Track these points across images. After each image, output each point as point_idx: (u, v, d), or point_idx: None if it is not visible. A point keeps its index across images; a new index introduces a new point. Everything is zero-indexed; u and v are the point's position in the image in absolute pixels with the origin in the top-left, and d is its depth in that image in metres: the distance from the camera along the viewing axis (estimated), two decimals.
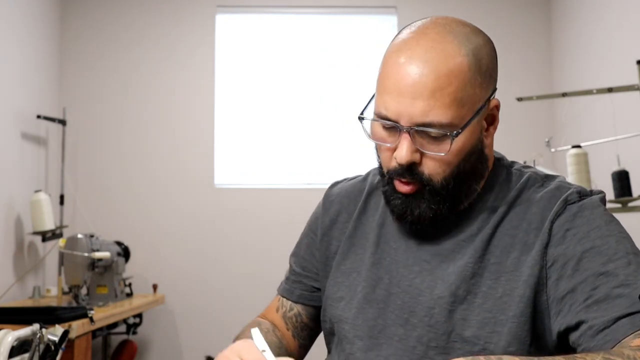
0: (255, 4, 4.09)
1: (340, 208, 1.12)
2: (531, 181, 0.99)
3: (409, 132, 0.90)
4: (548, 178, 1.00)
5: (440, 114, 0.89)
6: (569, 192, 0.94)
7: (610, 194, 2.61)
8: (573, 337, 0.85)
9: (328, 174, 3.95)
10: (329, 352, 1.11)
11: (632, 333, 0.80)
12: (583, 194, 0.94)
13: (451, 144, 0.90)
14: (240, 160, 4.03)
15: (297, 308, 1.15)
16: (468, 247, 0.96)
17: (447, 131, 0.90)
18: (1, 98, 3.20)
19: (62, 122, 3.72)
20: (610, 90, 2.62)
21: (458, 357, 0.81)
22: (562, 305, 0.87)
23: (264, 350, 0.87)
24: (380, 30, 4.10)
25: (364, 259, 1.04)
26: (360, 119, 0.97)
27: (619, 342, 0.79)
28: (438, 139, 0.91)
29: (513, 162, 1.05)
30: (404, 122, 0.90)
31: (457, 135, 0.90)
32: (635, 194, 2.55)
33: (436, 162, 0.92)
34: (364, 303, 1.00)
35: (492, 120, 0.98)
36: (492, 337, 0.90)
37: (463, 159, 0.93)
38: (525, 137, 3.90)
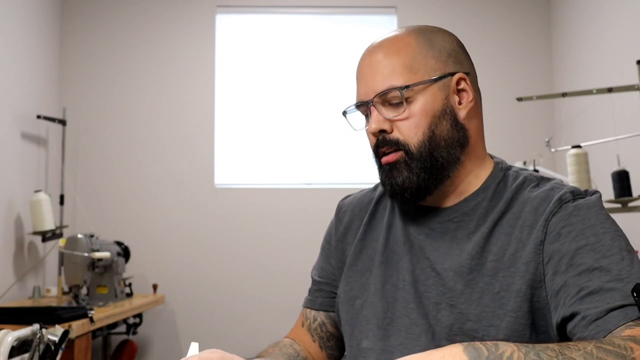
0: (255, 4, 4.09)
1: (353, 216, 1.19)
2: (527, 182, 1.03)
3: (373, 104, 1.03)
4: (543, 179, 1.04)
5: (393, 79, 1.01)
6: (562, 191, 0.98)
7: (610, 194, 2.60)
8: (569, 327, 0.88)
9: (328, 174, 3.96)
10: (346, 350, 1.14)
11: (623, 324, 0.82)
12: (577, 193, 0.98)
13: (404, 101, 1.01)
14: (240, 160, 4.03)
15: (321, 317, 1.20)
16: (466, 244, 1.01)
17: (400, 91, 1.01)
18: (1, 98, 3.20)
19: (62, 122, 3.72)
20: (610, 90, 2.62)
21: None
22: (558, 299, 0.90)
23: None
24: (380, 30, 4.10)
25: (374, 258, 1.11)
26: (344, 114, 1.11)
27: (610, 332, 0.82)
28: (399, 104, 1.02)
29: (511, 166, 1.09)
30: (368, 98, 1.04)
31: (405, 88, 1.00)
32: (635, 194, 2.55)
33: (405, 125, 1.02)
34: (375, 298, 1.07)
35: (465, 96, 1.06)
36: (489, 331, 0.94)
37: (432, 121, 1.02)
38: (525, 137, 3.91)
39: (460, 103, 1.04)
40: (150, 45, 4.02)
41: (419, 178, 1.02)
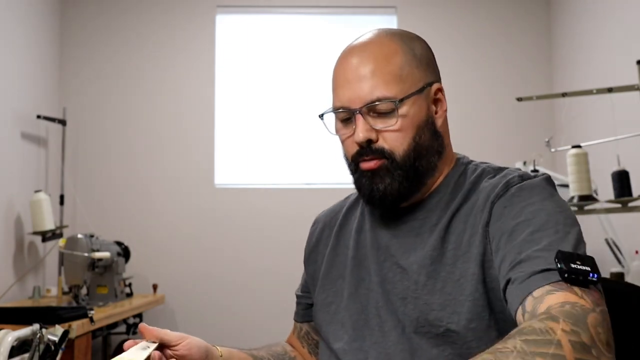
0: (255, 4, 4.09)
1: (324, 226, 1.23)
2: (485, 173, 1.06)
3: (360, 113, 1.02)
4: (501, 170, 1.06)
5: (384, 89, 1.01)
6: (511, 176, 1.01)
7: (610, 194, 2.60)
8: (506, 297, 0.91)
9: (328, 174, 3.95)
10: (319, 354, 1.18)
11: (541, 286, 0.84)
12: (525, 177, 1.01)
13: (397, 112, 1.01)
14: (240, 160, 4.03)
15: (305, 327, 1.27)
16: (428, 238, 1.03)
17: (392, 102, 1.01)
18: (1, 98, 3.20)
19: (62, 122, 3.72)
20: (610, 90, 2.62)
21: (427, 339, 0.95)
22: (500, 274, 0.93)
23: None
24: None
25: (346, 264, 1.14)
26: (321, 116, 1.10)
27: (530, 293, 0.84)
28: (388, 114, 1.02)
29: (471, 160, 1.12)
30: (355, 105, 1.02)
31: (400, 101, 1.01)
32: (635, 194, 2.55)
33: (392, 135, 1.02)
34: (349, 302, 1.10)
35: (440, 104, 1.08)
36: (452, 318, 0.96)
37: (417, 132, 1.03)
38: (525, 137, 3.90)
39: (436, 112, 1.07)
40: (150, 45, 4.02)
41: (401, 185, 1.03)
